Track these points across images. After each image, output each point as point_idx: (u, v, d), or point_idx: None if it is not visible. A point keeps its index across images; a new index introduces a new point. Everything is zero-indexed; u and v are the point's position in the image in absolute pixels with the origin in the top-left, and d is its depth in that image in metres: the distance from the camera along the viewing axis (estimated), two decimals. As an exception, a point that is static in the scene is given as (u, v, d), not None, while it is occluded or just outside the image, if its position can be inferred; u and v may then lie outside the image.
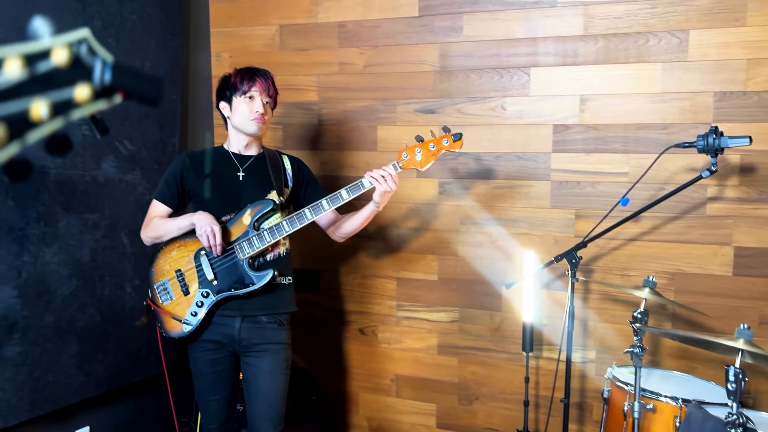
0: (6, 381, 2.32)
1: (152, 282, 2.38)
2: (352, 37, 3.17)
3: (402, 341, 3.24)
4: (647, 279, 2.24)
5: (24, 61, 0.50)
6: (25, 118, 0.50)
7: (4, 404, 2.31)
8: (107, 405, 2.83)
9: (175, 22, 3.09)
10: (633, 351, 2.07)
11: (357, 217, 2.45)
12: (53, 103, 0.51)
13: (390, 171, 2.29)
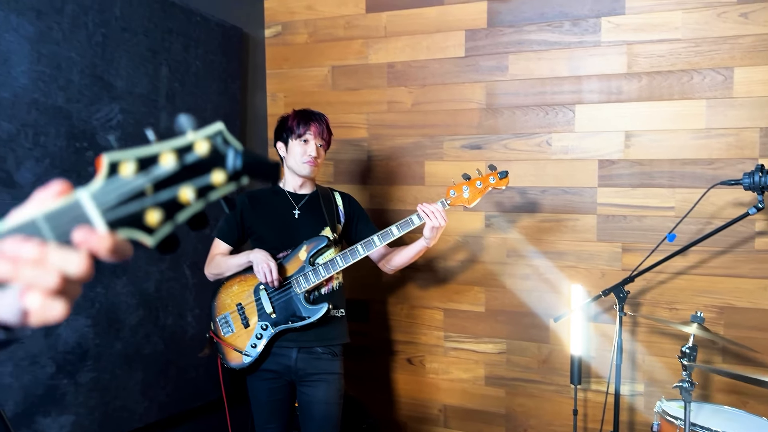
0: (79, 405, 2.47)
1: (215, 315, 2.52)
2: (401, 77, 3.30)
3: (450, 372, 3.30)
4: (695, 314, 2.27)
5: (176, 154, 0.62)
6: (176, 201, 0.62)
7: (78, 427, 2.46)
8: (168, 430, 2.97)
9: (234, 66, 3.28)
10: (682, 386, 2.09)
11: (407, 252, 2.55)
12: (197, 188, 0.62)
13: (439, 207, 2.39)
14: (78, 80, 2.44)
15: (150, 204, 0.60)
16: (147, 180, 0.60)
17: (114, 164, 0.60)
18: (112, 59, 2.58)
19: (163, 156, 0.61)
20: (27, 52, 2.25)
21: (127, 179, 0.60)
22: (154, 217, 0.60)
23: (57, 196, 0.59)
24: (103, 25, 2.53)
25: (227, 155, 0.63)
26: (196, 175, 0.62)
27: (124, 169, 0.60)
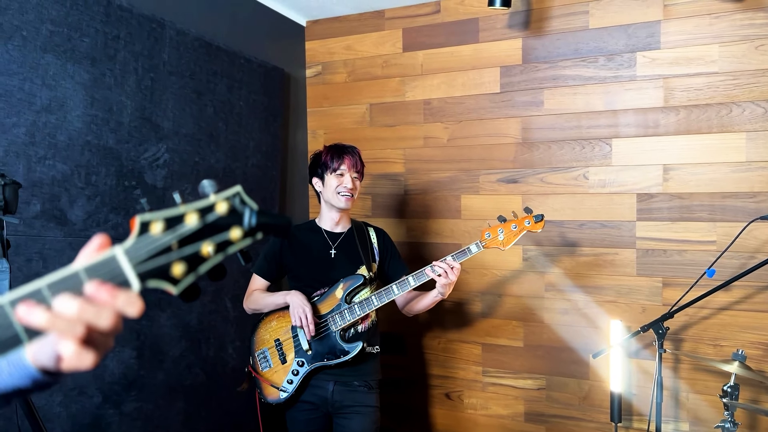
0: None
1: (253, 350, 2.58)
2: (437, 113, 3.36)
3: (488, 407, 3.27)
4: (736, 352, 2.21)
5: (199, 214, 0.68)
6: (198, 255, 0.67)
7: (122, 456, 2.54)
8: (209, 460, 3.02)
9: (276, 105, 3.40)
10: (724, 426, 2.04)
11: (424, 301, 2.56)
12: (217, 243, 0.68)
13: (453, 264, 2.38)
14: (128, 122, 2.57)
15: (175, 258, 0.66)
16: (173, 237, 0.66)
17: (145, 224, 0.66)
18: (160, 101, 2.71)
19: (187, 216, 0.67)
20: (82, 97, 2.39)
21: (155, 236, 0.66)
22: (179, 269, 0.66)
23: (98, 251, 0.65)
24: (152, 70, 2.68)
25: (244, 214, 0.69)
26: (216, 232, 0.68)
27: (153, 228, 0.66)
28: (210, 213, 0.68)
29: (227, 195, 0.69)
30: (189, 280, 0.67)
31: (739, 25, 2.71)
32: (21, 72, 2.19)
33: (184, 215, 0.67)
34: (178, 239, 0.66)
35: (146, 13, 2.64)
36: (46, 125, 2.27)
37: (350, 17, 3.58)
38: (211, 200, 0.69)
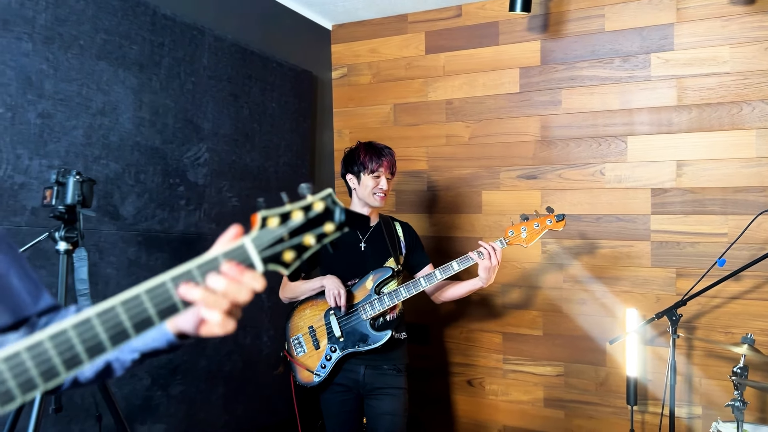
0: (170, 416, 2.74)
1: (289, 336, 2.75)
2: (458, 113, 3.52)
3: (509, 393, 3.43)
4: (746, 336, 2.35)
5: (303, 211, 0.84)
6: (302, 244, 0.84)
7: (168, 436, 2.73)
8: (245, 442, 3.20)
9: (305, 106, 3.58)
10: (734, 405, 2.18)
11: (460, 288, 2.71)
12: (316, 235, 0.85)
13: (496, 246, 2.54)
14: (172, 124, 2.75)
15: (287, 246, 0.83)
16: (285, 230, 0.83)
17: (264, 218, 0.83)
18: (200, 104, 2.89)
19: (294, 213, 0.84)
20: (131, 101, 2.58)
21: (272, 229, 0.82)
22: (289, 255, 0.83)
23: (231, 240, 0.82)
24: (193, 74, 2.86)
25: (335, 212, 0.86)
26: (315, 226, 0.85)
27: (270, 222, 0.83)
28: (310, 210, 0.84)
29: (322, 196, 0.86)
30: (296, 264, 0.84)
31: (750, 28, 2.84)
32: (79, 78, 2.37)
33: (292, 212, 0.84)
34: (288, 231, 0.83)
35: (187, 21, 2.82)
36: (100, 127, 2.45)
37: (374, 21, 3.74)
38: (310, 200, 0.85)
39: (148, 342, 0.89)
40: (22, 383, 0.68)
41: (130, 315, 0.74)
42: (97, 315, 0.72)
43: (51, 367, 0.70)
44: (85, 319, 0.72)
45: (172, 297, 0.77)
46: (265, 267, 0.82)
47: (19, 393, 0.69)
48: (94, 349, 0.72)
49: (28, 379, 0.69)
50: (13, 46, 2.15)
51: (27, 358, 0.69)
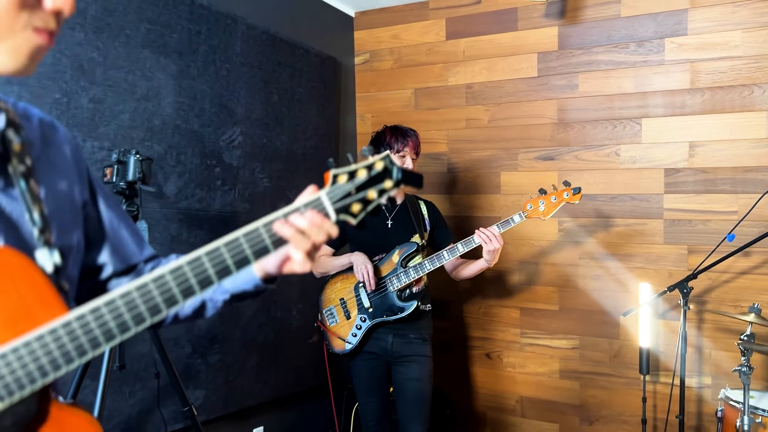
0: (209, 382, 2.93)
1: (321, 307, 2.93)
2: (478, 97, 3.65)
3: (526, 366, 3.59)
4: (753, 306, 2.49)
5: (366, 170, 0.99)
6: (366, 198, 0.99)
7: (208, 401, 2.91)
8: (276, 410, 3.39)
9: (330, 91, 3.73)
10: (741, 369, 2.33)
11: (471, 267, 2.88)
12: (377, 190, 1.00)
13: (495, 231, 2.69)
14: (209, 108, 2.92)
15: (354, 200, 0.98)
16: (353, 185, 0.98)
17: (335, 175, 0.98)
18: (234, 89, 3.05)
19: (359, 171, 0.99)
20: (172, 86, 2.74)
21: (342, 185, 0.98)
22: (357, 207, 0.98)
23: (310, 194, 0.97)
24: (227, 61, 3.01)
25: (392, 170, 1.00)
26: (376, 182, 0.99)
27: (340, 179, 0.98)
28: (372, 169, 0.99)
29: (381, 157, 1.01)
30: (362, 215, 0.99)
31: (761, 13, 2.95)
32: (125, 65, 2.54)
33: (357, 171, 0.99)
34: (355, 187, 0.98)
35: (222, 10, 2.97)
36: (144, 111, 2.62)
37: (396, 8, 3.87)
38: (371, 160, 1.00)
39: (238, 284, 1.05)
40: (151, 307, 0.84)
41: (232, 254, 0.89)
42: (206, 254, 0.88)
43: (171, 296, 0.86)
44: (196, 257, 0.87)
45: (264, 240, 0.92)
46: (338, 216, 0.97)
47: (134, 325, 0.84)
48: (204, 282, 0.88)
49: (154, 305, 0.85)
50: (67, 36, 2.32)
51: (153, 288, 0.84)
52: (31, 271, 0.80)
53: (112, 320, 0.82)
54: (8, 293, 0.78)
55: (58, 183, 0.97)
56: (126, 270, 1.10)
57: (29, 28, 0.80)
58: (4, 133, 0.87)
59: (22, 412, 0.77)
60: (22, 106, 0.97)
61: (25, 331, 0.78)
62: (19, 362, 0.77)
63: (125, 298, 0.83)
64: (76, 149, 1.05)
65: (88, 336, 0.80)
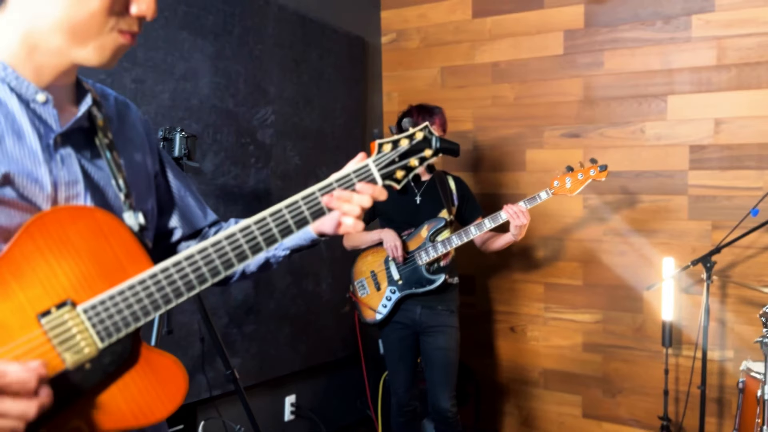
0: (245, 351, 3.06)
1: (353, 279, 3.04)
2: (504, 75, 3.70)
3: (549, 339, 3.67)
4: (776, 279, 2.54)
5: (408, 139, 1.08)
6: (408, 165, 1.08)
7: (244, 369, 3.05)
8: (307, 379, 3.53)
9: (358, 70, 3.80)
10: (763, 341, 2.39)
11: (498, 241, 2.96)
12: (418, 158, 1.09)
13: (522, 208, 2.75)
14: (243, 88, 3.01)
15: (398, 166, 1.07)
16: (396, 153, 1.07)
17: (380, 145, 1.07)
18: (267, 70, 3.14)
19: (401, 141, 1.08)
20: (208, 67, 2.84)
21: (387, 153, 1.07)
22: (400, 174, 1.07)
23: (358, 162, 1.06)
24: (260, 42, 3.10)
25: (432, 140, 1.09)
26: (417, 151, 1.09)
27: (385, 148, 1.07)
28: (413, 139, 1.08)
29: (421, 128, 1.10)
30: (404, 181, 1.08)
31: (790, -12, 2.95)
32: (164, 47, 2.64)
33: (400, 140, 1.08)
34: (398, 155, 1.07)
35: (254, -8, 3.06)
36: (183, 91, 2.73)
37: (423, -13, 3.92)
38: (412, 131, 1.09)
39: (295, 241, 1.16)
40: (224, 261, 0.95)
41: (292, 216, 0.99)
42: (270, 215, 0.98)
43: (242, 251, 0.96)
44: (261, 217, 0.98)
45: (320, 203, 1.02)
46: (384, 182, 1.07)
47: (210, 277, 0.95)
48: (269, 240, 0.98)
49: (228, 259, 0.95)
50: (112, 18, 2.42)
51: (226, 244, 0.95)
52: (121, 229, 0.91)
53: (191, 273, 0.93)
54: (104, 249, 0.89)
55: (134, 155, 1.08)
56: (193, 234, 1.21)
57: (115, 30, 0.92)
58: (90, 110, 0.98)
59: (119, 352, 0.89)
60: (99, 87, 1.09)
61: (118, 283, 0.89)
62: (116, 308, 0.88)
63: (202, 254, 0.94)
64: (146, 125, 1.16)
65: (172, 287, 0.91)
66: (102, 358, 0.88)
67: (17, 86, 0.91)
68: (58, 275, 0.87)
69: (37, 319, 0.86)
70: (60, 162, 0.94)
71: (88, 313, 0.88)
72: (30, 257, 0.86)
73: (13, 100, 0.91)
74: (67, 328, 0.87)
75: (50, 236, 0.87)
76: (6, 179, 0.87)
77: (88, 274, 0.89)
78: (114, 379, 0.90)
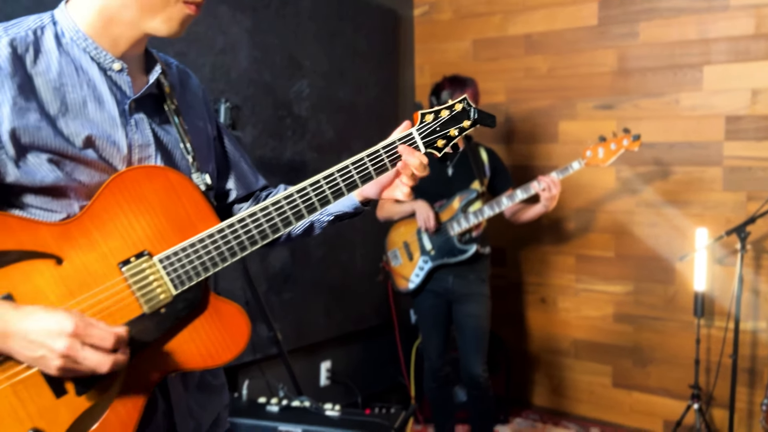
0: (283, 318, 3.17)
1: (386, 249, 3.11)
2: (537, 46, 3.70)
3: (580, 310, 3.71)
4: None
5: (448, 111, 1.14)
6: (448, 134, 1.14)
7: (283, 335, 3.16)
8: (342, 345, 3.63)
9: (390, 43, 3.83)
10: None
11: (530, 212, 2.99)
12: (457, 128, 1.14)
13: (555, 179, 2.77)
14: (279, 62, 3.08)
15: (439, 135, 1.13)
16: (437, 123, 1.13)
17: (423, 115, 1.13)
18: (302, 43, 3.20)
19: (442, 111, 1.13)
20: (246, 41, 2.90)
21: (429, 123, 1.13)
22: (441, 143, 1.13)
23: (402, 131, 1.12)
24: (296, 16, 3.15)
25: (470, 111, 1.15)
26: (456, 122, 1.14)
27: (427, 118, 1.13)
28: (453, 110, 1.14)
29: (459, 99, 1.15)
30: (445, 149, 1.14)
31: (833, -46, 2.89)
32: (205, 21, 2.71)
33: (441, 111, 1.13)
34: (439, 125, 1.13)
35: (290, -35, 3.10)
36: (223, 65, 2.80)
37: (455, -41, 3.91)
38: (451, 102, 1.15)
39: (340, 207, 1.22)
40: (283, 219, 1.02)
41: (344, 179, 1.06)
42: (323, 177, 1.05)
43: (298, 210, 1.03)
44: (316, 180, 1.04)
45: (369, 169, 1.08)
46: (426, 150, 1.12)
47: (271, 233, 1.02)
48: (323, 200, 1.05)
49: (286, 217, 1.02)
50: (155, -7, 2.49)
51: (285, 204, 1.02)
52: (191, 188, 0.99)
53: (254, 229, 1.01)
54: (175, 205, 0.97)
55: (196, 121, 1.15)
56: (246, 197, 1.28)
57: (180, 1, 1.01)
58: (159, 78, 1.05)
59: (191, 298, 0.97)
60: (162, 56, 1.16)
61: (189, 236, 0.97)
62: (188, 259, 0.97)
63: (264, 212, 1.01)
64: (205, 93, 1.23)
65: (237, 241, 1.00)
66: (176, 304, 0.97)
67: (97, 56, 0.99)
68: (135, 229, 0.96)
69: (118, 267, 0.95)
70: (134, 126, 1.02)
71: (164, 262, 0.96)
72: (111, 212, 0.95)
73: (94, 68, 0.99)
74: (145, 276, 0.95)
75: (129, 193, 0.95)
76: (89, 141, 0.95)
77: (162, 228, 0.97)
78: (185, 324, 0.98)
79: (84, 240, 0.94)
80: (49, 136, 0.93)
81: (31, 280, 0.92)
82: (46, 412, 0.91)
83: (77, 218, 0.94)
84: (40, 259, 0.92)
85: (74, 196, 0.96)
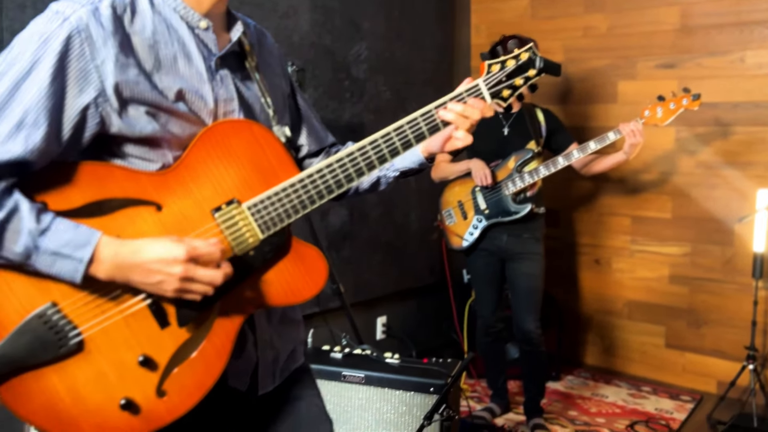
0: (342, 275, 3.29)
1: (441, 208, 3.19)
2: (596, 4, 3.64)
3: (635, 271, 3.72)
4: None
5: (514, 60, 1.19)
6: (513, 84, 1.19)
7: (342, 290, 3.31)
8: (397, 302, 3.76)
9: (446, 3, 3.84)
10: None
11: (606, 162, 2.99)
12: (523, 77, 1.19)
13: (639, 126, 2.77)
14: (339, 25, 3.14)
15: (504, 86, 1.19)
16: (503, 73, 1.19)
17: (489, 65, 1.19)
18: (360, 5, 3.25)
19: (508, 61, 1.19)
20: (307, 4, 2.98)
21: (495, 73, 1.18)
22: (507, 93, 1.19)
23: (468, 83, 1.19)
24: (354, -22, 3.20)
25: (536, 60, 1.19)
26: (522, 71, 1.19)
27: (494, 68, 1.18)
28: (519, 59, 1.19)
29: (526, 48, 1.20)
30: (510, 99, 1.20)
31: None
32: (268, -14, 2.79)
33: (506, 61, 1.19)
34: (505, 75, 1.19)
35: (349, -72, 3.13)
36: (285, 28, 2.89)
37: None
38: (517, 52, 1.20)
39: (405, 163, 1.30)
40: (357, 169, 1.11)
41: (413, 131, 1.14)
42: (393, 130, 1.13)
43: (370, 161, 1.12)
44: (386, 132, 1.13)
45: (435, 119, 1.16)
46: (492, 99, 1.19)
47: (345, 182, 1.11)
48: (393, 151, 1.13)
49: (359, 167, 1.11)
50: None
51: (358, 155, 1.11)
52: (273, 140, 1.09)
53: (331, 179, 1.10)
54: (260, 156, 1.07)
55: (272, 78, 1.25)
56: (317, 152, 1.38)
57: None
58: (240, 36, 1.15)
59: (276, 242, 1.08)
60: (240, 16, 1.24)
61: (273, 185, 1.08)
62: (273, 206, 1.07)
63: (339, 162, 1.11)
64: (280, 52, 1.32)
65: (316, 189, 1.10)
66: (263, 247, 1.08)
67: (185, 14, 1.09)
68: (225, 178, 1.07)
69: (211, 214, 1.06)
70: (220, 81, 1.11)
71: (251, 209, 1.07)
72: (203, 162, 1.06)
73: (183, 26, 1.08)
74: (235, 221, 1.06)
75: (218, 145, 1.06)
76: (180, 95, 1.06)
77: (248, 178, 1.08)
78: (271, 265, 1.10)
79: (180, 189, 1.05)
80: (146, 89, 1.03)
81: (135, 225, 1.04)
82: (153, 341, 1.04)
83: (173, 168, 1.06)
84: (142, 206, 1.04)
85: (168, 147, 1.07)
